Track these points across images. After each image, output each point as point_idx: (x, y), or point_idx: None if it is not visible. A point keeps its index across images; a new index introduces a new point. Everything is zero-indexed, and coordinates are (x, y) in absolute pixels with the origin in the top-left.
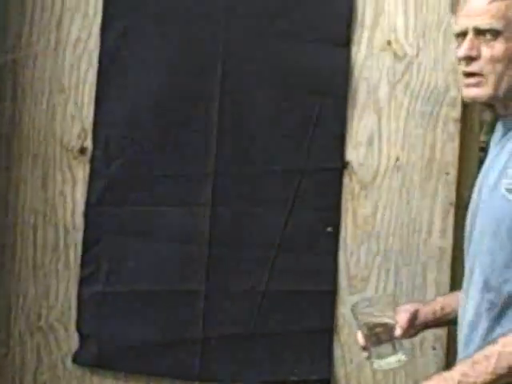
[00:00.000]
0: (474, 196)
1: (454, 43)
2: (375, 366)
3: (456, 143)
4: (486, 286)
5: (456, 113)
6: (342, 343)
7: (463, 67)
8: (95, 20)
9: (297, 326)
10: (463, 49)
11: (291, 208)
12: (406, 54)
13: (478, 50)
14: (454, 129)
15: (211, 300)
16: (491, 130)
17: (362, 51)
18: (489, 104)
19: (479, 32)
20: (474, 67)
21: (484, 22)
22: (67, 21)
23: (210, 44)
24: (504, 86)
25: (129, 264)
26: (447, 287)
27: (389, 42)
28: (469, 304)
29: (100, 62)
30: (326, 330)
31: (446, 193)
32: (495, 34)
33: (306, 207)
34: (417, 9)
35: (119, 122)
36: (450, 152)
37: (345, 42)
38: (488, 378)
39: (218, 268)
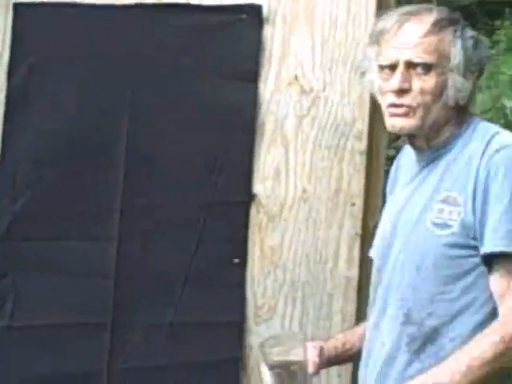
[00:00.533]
0: (387, 228)
1: (359, 77)
2: None
3: (362, 175)
4: (408, 320)
5: (362, 145)
6: (249, 373)
7: (392, 99)
8: (2, 58)
9: (204, 358)
10: (396, 81)
11: (198, 240)
12: (312, 89)
13: (410, 83)
14: (360, 161)
15: (117, 333)
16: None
17: (269, 86)
18: (411, 135)
19: (411, 65)
20: (404, 99)
21: (417, 56)
22: None
23: (118, 81)
24: (431, 118)
25: (35, 298)
26: (353, 317)
27: (296, 77)
28: (384, 338)
29: (7, 100)
30: (234, 361)
31: (352, 224)
32: (427, 67)
33: (213, 239)
34: (323, 44)
35: (26, 158)
36: (356, 184)
37: (253, 77)
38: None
39: (124, 301)
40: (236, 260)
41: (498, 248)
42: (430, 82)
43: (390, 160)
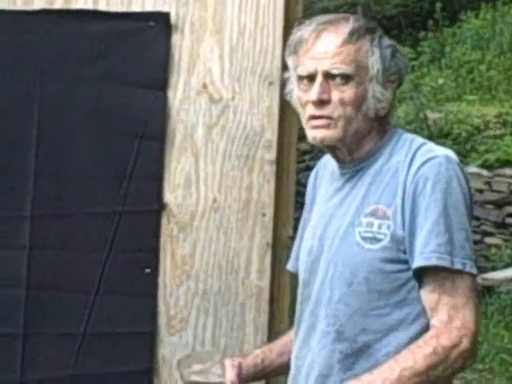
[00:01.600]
0: (313, 243)
1: (268, 87)
2: None
3: (272, 185)
4: (339, 337)
5: (271, 155)
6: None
7: (311, 110)
8: None
9: (117, 368)
10: (315, 93)
11: (109, 250)
12: (221, 98)
13: (329, 94)
14: (269, 171)
15: (29, 342)
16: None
17: (178, 94)
18: (332, 147)
19: (329, 76)
20: (324, 111)
21: (334, 67)
22: None
23: (26, 86)
24: (352, 130)
25: None
26: (266, 327)
27: (204, 86)
28: (314, 354)
29: None
30: (147, 371)
31: (262, 233)
32: (346, 78)
33: (124, 249)
34: (232, 53)
35: None
36: (266, 193)
37: (161, 85)
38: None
39: (36, 311)
40: (147, 270)
41: (429, 262)
42: (349, 92)
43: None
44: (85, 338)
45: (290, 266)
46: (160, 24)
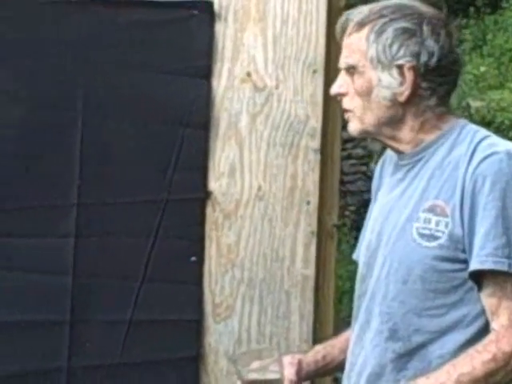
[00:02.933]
0: (372, 236)
1: (312, 75)
2: None
3: (316, 173)
4: (393, 336)
5: (316, 143)
6: (209, 371)
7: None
8: None
9: (163, 356)
10: (333, 86)
11: (155, 238)
12: (265, 86)
13: (348, 86)
14: (314, 159)
15: (76, 330)
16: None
17: (222, 83)
18: (371, 138)
19: (345, 68)
20: (344, 103)
21: (343, 59)
22: None
23: (70, 75)
24: (370, 119)
25: None
26: (311, 315)
27: (249, 74)
28: (367, 352)
29: None
30: (193, 359)
31: (307, 221)
32: (352, 69)
33: (169, 237)
34: (275, 41)
35: None
36: (311, 182)
37: (205, 73)
38: None
39: (83, 298)
40: (193, 258)
41: (485, 266)
42: (357, 82)
43: (356, 159)
44: (131, 325)
45: (355, 256)
46: (204, 13)
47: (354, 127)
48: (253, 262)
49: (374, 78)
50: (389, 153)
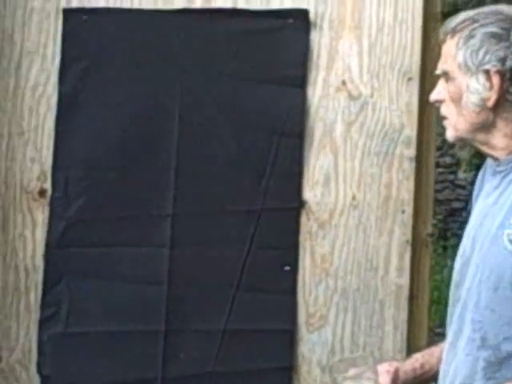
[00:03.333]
0: (467, 243)
1: (407, 83)
2: None
3: (411, 181)
4: (484, 344)
5: (411, 152)
6: (302, 381)
7: None
8: (53, 63)
9: (257, 365)
10: (432, 93)
11: (249, 247)
12: (360, 94)
13: (445, 93)
14: (409, 167)
15: (171, 340)
16: (470, 168)
17: (317, 91)
18: (468, 144)
19: (440, 75)
20: (441, 110)
21: (440, 66)
22: (26, 65)
23: (167, 86)
24: (462, 126)
25: (89, 305)
26: (405, 325)
27: (343, 82)
28: (459, 361)
29: (58, 105)
30: (286, 369)
31: (402, 231)
32: (446, 75)
33: (264, 246)
34: (371, 49)
35: (78, 164)
36: (406, 190)
37: (301, 82)
38: None
39: (177, 308)
40: (287, 267)
41: None
42: (450, 89)
43: (444, 167)
44: (225, 335)
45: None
46: (299, 21)
47: (449, 134)
48: (347, 271)
49: (463, 84)
50: (489, 161)
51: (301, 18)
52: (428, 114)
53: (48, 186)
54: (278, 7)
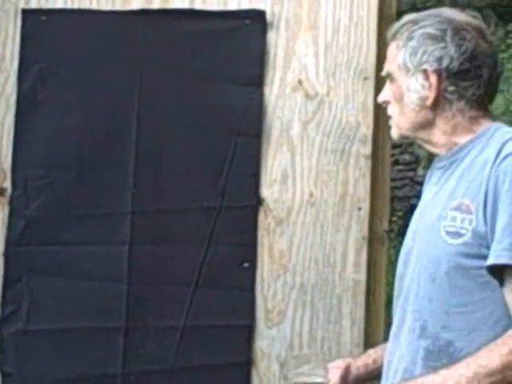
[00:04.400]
0: (409, 237)
1: (363, 82)
2: None
3: (367, 179)
4: (423, 333)
5: (367, 149)
6: (261, 376)
7: None
8: (12, 64)
9: (216, 361)
10: (380, 95)
11: (208, 245)
12: (317, 94)
13: (390, 94)
14: (365, 165)
15: (131, 336)
16: (429, 165)
17: (274, 91)
18: (415, 143)
19: (385, 76)
20: (388, 110)
21: (384, 68)
22: None
23: (126, 85)
24: (404, 125)
25: (49, 302)
26: (362, 320)
27: (300, 82)
28: (402, 351)
29: (17, 104)
30: (245, 364)
31: (358, 227)
32: (389, 77)
33: (222, 244)
34: (327, 49)
35: (37, 163)
36: (362, 188)
37: (258, 82)
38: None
39: (137, 305)
40: (246, 264)
41: (500, 260)
42: (393, 89)
43: (404, 165)
44: (184, 331)
45: None
46: (256, 22)
47: (393, 132)
48: (304, 267)
49: (403, 84)
50: (435, 158)
51: (258, 18)
52: (384, 113)
53: (8, 184)
54: (235, 8)
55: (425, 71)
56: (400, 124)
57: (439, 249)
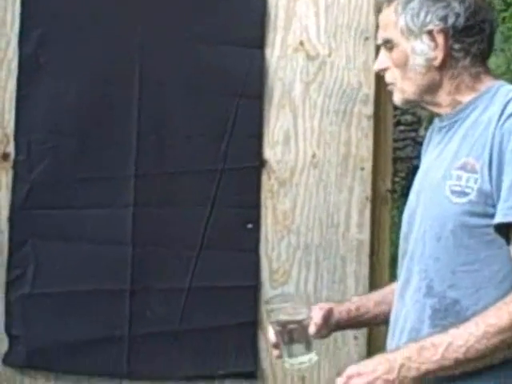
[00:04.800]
0: (413, 197)
1: (364, 42)
2: (286, 365)
3: (370, 139)
4: (429, 292)
5: (369, 110)
6: (267, 336)
7: None
8: (13, 28)
9: (221, 322)
10: (375, 63)
11: (212, 206)
12: (318, 54)
13: (388, 61)
14: (367, 125)
15: (137, 298)
16: (430, 125)
17: (275, 52)
18: (415, 105)
19: (382, 44)
20: (386, 78)
21: (379, 36)
22: None
23: (127, 48)
24: (410, 89)
25: (55, 266)
26: (367, 279)
27: (301, 43)
28: (408, 309)
29: (19, 69)
30: (250, 324)
31: (361, 187)
32: (388, 43)
33: (226, 205)
34: (327, 10)
35: (40, 127)
36: (365, 148)
37: (259, 43)
38: (432, 366)
39: (142, 267)
40: (249, 225)
41: (507, 218)
42: (393, 55)
43: (406, 125)
44: (190, 292)
45: None
46: None
47: (397, 98)
48: (308, 228)
49: (407, 48)
50: (436, 118)
51: None
52: None
53: (11, 149)
54: None
55: (430, 32)
56: (405, 89)
57: (444, 208)
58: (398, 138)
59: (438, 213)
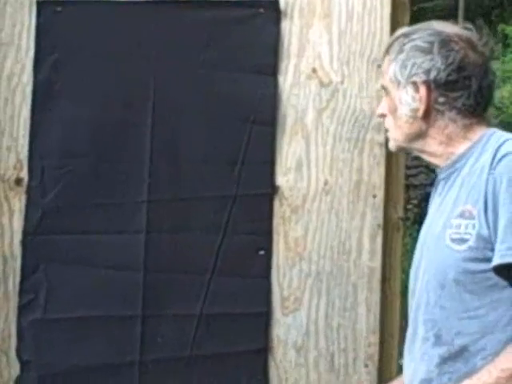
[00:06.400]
0: (417, 251)
1: (377, 70)
2: None
3: (382, 167)
4: (438, 341)
5: (381, 137)
6: (277, 363)
7: None
8: (28, 54)
9: (232, 348)
10: (378, 108)
11: (224, 233)
12: (331, 81)
13: (386, 107)
14: (379, 153)
15: (148, 324)
16: None
17: (288, 79)
18: (416, 155)
19: (381, 90)
20: (384, 124)
21: (380, 82)
22: (1, 56)
23: (141, 75)
24: (399, 137)
25: (66, 291)
26: (378, 307)
27: (314, 70)
28: (417, 362)
29: (33, 94)
30: (261, 351)
31: (373, 214)
32: (384, 90)
33: (238, 232)
34: (340, 37)
35: (54, 152)
36: (377, 175)
37: (272, 70)
38: None
39: (154, 293)
40: (261, 252)
41: (505, 259)
42: (388, 102)
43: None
44: (201, 319)
45: None
46: (270, 10)
47: (391, 145)
48: (320, 255)
49: (396, 97)
50: (437, 170)
51: (271, 7)
52: None
53: (24, 174)
54: None
55: (414, 83)
56: (396, 137)
57: (446, 256)
58: (412, 165)
59: (439, 262)
